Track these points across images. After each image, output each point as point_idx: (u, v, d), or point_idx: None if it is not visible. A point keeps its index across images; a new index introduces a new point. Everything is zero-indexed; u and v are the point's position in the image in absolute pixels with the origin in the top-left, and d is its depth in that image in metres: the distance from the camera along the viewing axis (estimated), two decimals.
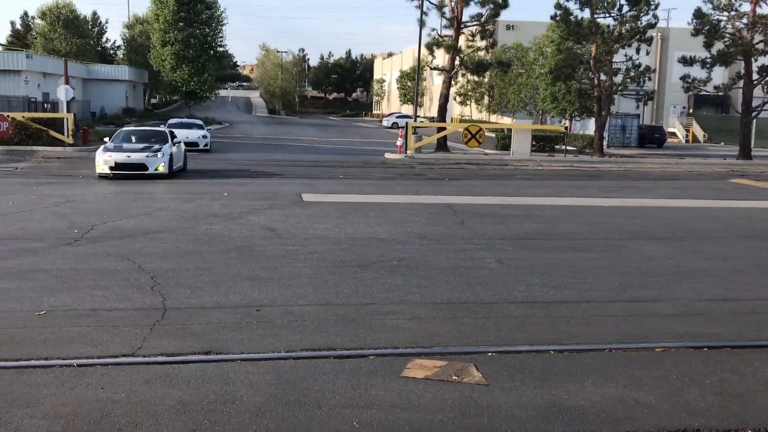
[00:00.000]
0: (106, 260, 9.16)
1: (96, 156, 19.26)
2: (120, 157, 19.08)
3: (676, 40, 57.76)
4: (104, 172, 18.98)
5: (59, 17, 63.67)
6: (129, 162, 19.12)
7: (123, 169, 19.02)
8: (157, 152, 19.43)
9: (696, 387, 5.34)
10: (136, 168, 19.15)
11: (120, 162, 18.99)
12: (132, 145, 20.15)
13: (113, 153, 19.23)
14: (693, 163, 32.33)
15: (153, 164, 19.24)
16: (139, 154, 19.34)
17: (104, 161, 18.99)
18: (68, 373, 5.36)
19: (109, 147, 19.64)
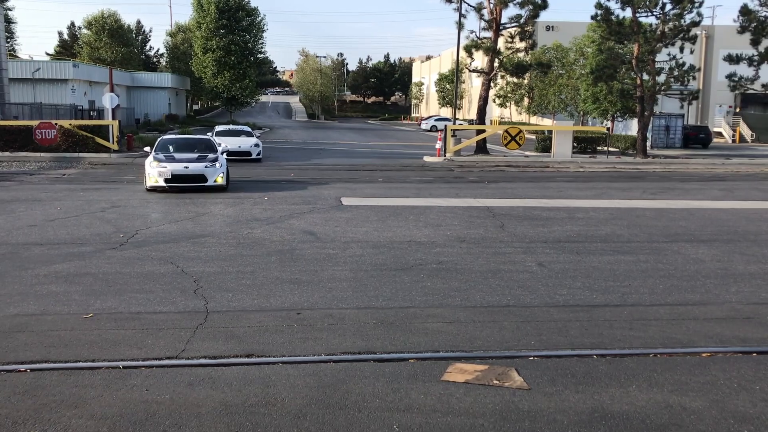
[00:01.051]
0: (150, 264, 9.34)
1: (146, 167, 17.43)
2: (177, 168, 17.09)
3: (721, 38, 56.52)
4: (158, 185, 17.04)
5: (105, 27, 65.29)
6: (187, 173, 17.13)
7: (180, 181, 17.12)
8: (214, 162, 17.62)
9: (745, 393, 5.20)
10: (195, 180, 17.23)
11: (177, 173, 17.04)
12: (185, 155, 18.11)
13: (167, 164, 17.25)
14: (740, 164, 31.53)
15: (212, 175, 17.40)
16: (197, 164, 17.37)
17: (158, 173, 16.99)
18: (114, 374, 5.47)
19: (160, 157, 17.70)
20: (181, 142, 19.91)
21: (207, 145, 19.38)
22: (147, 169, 17.34)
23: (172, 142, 19.77)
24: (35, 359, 5.76)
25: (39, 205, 15.15)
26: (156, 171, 17.12)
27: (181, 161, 17.54)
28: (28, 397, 5.03)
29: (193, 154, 18.16)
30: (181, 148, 19.16)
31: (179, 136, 22.35)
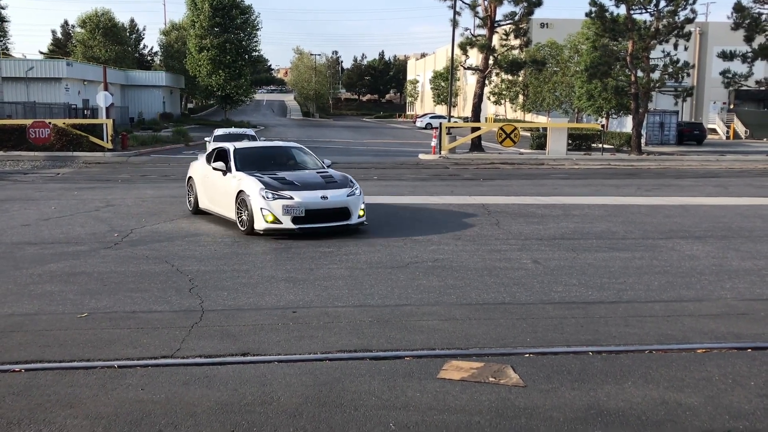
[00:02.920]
0: (145, 263, 9.31)
1: (251, 203, 11.02)
2: (312, 201, 11.02)
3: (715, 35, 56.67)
4: (284, 227, 10.90)
5: (98, 25, 65.10)
6: (327, 207, 11.20)
7: (318, 220, 11.13)
8: (354, 188, 11.76)
9: (740, 389, 5.22)
10: (336, 217, 11.33)
11: (314, 209, 11.05)
12: (305, 177, 11.85)
13: (293, 193, 11.02)
14: (734, 160, 31.63)
15: (356, 209, 11.55)
16: (336, 192, 11.34)
17: (283, 209, 10.83)
18: (109, 374, 5.45)
19: (272, 184, 11.19)
20: (271, 154, 13.35)
21: (309, 159, 13.26)
22: (252, 205, 11.02)
23: (261, 154, 13.14)
24: (30, 359, 5.74)
25: (33, 204, 15.10)
26: (276, 206, 10.88)
27: (307, 188, 11.32)
28: (23, 397, 5.01)
29: (315, 178, 11.91)
30: (277, 165, 12.72)
31: (265, 145, 14.46)
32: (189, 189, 13.84)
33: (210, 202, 12.91)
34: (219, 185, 12.40)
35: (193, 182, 13.63)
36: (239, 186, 11.54)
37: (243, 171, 11.93)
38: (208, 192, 12.93)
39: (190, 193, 13.78)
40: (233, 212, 11.72)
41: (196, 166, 13.80)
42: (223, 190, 12.22)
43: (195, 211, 13.46)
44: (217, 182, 12.51)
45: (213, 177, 12.69)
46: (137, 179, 21.01)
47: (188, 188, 13.88)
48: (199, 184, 13.33)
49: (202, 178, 13.20)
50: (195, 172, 13.64)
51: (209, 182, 12.86)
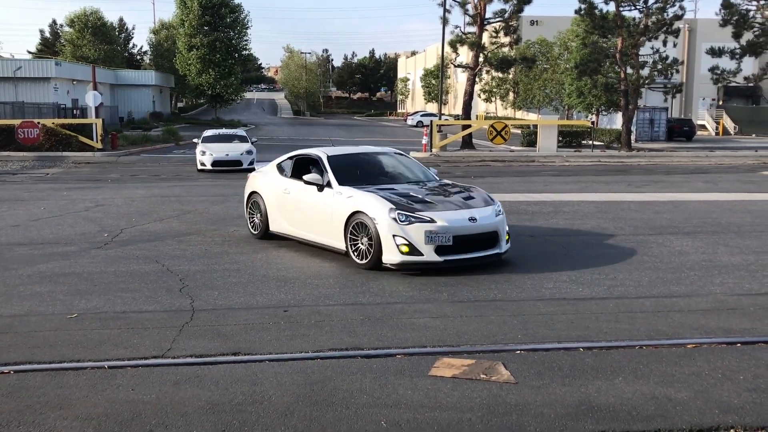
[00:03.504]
0: (135, 263, 9.27)
1: (377, 228, 8.60)
2: (459, 225, 8.68)
3: (704, 31, 56.92)
4: (424, 260, 8.52)
5: (87, 24, 64.76)
6: (477, 232, 8.86)
7: (466, 249, 8.77)
8: (498, 205, 9.54)
9: (729, 383, 5.24)
10: (485, 244, 8.99)
11: (463, 234, 8.69)
12: (434, 192, 9.55)
13: (432, 214, 8.67)
14: (723, 156, 31.80)
15: (503, 232, 9.34)
16: (483, 212, 9.07)
17: (426, 237, 8.47)
18: (99, 374, 5.43)
19: (401, 203, 8.83)
20: (368, 162, 10.98)
21: (415, 167, 10.92)
22: (379, 225, 8.60)
23: (354, 164, 10.54)
24: (19, 360, 5.71)
25: (22, 204, 15.01)
26: (413, 231, 8.53)
27: (446, 206, 8.96)
28: (12, 399, 4.98)
29: (438, 189, 9.81)
30: (378, 175, 10.43)
31: (361, 152, 11.27)
32: (251, 208, 11.18)
33: (291, 225, 10.30)
34: (310, 204, 9.82)
35: (259, 199, 10.93)
36: (353, 205, 8.97)
37: (347, 185, 9.43)
38: (289, 212, 10.32)
39: (254, 213, 11.11)
40: (338, 239, 9.24)
41: (262, 179, 11.13)
42: (318, 210, 9.65)
43: (263, 236, 10.86)
44: (306, 200, 9.92)
45: (298, 193, 10.13)
46: (127, 179, 20.93)
47: (249, 207, 11.24)
48: (271, 202, 10.67)
49: (276, 195, 10.58)
50: (262, 187, 10.97)
51: (291, 200, 10.26)
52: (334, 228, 9.31)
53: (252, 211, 11.21)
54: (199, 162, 23.18)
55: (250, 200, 11.27)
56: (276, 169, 11.03)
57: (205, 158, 23.03)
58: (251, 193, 11.26)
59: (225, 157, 22.94)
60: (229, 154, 23.07)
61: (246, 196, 11.40)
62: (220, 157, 22.88)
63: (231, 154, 23.13)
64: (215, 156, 22.91)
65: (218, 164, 22.89)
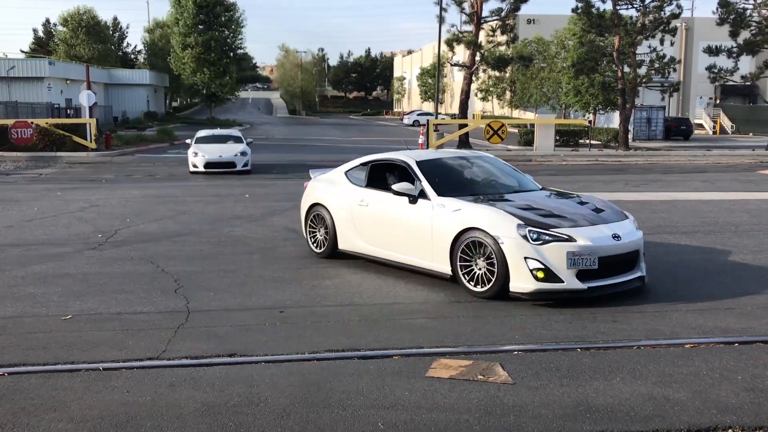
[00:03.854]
0: (130, 264, 9.22)
1: (503, 249, 7.24)
2: (604, 244, 7.38)
3: (701, 30, 56.99)
4: (565, 287, 7.20)
5: (81, 23, 64.57)
6: (621, 253, 7.55)
7: (610, 273, 7.49)
8: (632, 219, 8.32)
9: (727, 383, 5.22)
10: (626, 267, 7.67)
11: (608, 255, 7.41)
12: (559, 204, 8.44)
13: (570, 231, 7.37)
14: (721, 155, 31.83)
15: (642, 253, 7.99)
16: (623, 228, 7.77)
17: (568, 259, 7.17)
18: (94, 376, 5.38)
19: (531, 218, 7.52)
20: (466, 167, 9.67)
21: (516, 173, 9.62)
22: (504, 246, 7.25)
23: (451, 171, 9.19)
24: (13, 362, 5.66)
25: (16, 205, 14.94)
26: (551, 253, 7.14)
27: (580, 221, 7.65)
28: (6, 401, 4.93)
29: (560, 200, 8.74)
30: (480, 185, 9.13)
31: (454, 155, 9.91)
32: (314, 223, 9.74)
33: (369, 243, 8.84)
34: (399, 218, 8.40)
35: (324, 212, 9.48)
36: (464, 221, 7.58)
37: (448, 196, 8.04)
38: (367, 228, 8.85)
39: (317, 228, 9.67)
40: (440, 261, 7.85)
41: (327, 189, 9.61)
42: (410, 226, 8.23)
43: (330, 254, 9.41)
44: (392, 214, 8.50)
45: (380, 205, 8.71)
46: (122, 179, 20.86)
47: (310, 221, 9.79)
48: (341, 216, 9.22)
49: (348, 207, 9.10)
50: (328, 198, 9.48)
51: (370, 213, 8.80)
52: (436, 248, 7.87)
53: (314, 226, 9.72)
54: (191, 164, 22.26)
55: (311, 213, 9.78)
56: (345, 178, 9.53)
57: (197, 160, 22.06)
58: (313, 206, 9.75)
59: (218, 159, 22.03)
60: (222, 156, 22.15)
61: (305, 208, 9.91)
62: (212, 159, 21.96)
63: (224, 155, 22.20)
64: (208, 157, 21.97)
65: (211, 166, 21.99)
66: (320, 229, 9.61)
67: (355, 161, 9.74)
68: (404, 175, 8.83)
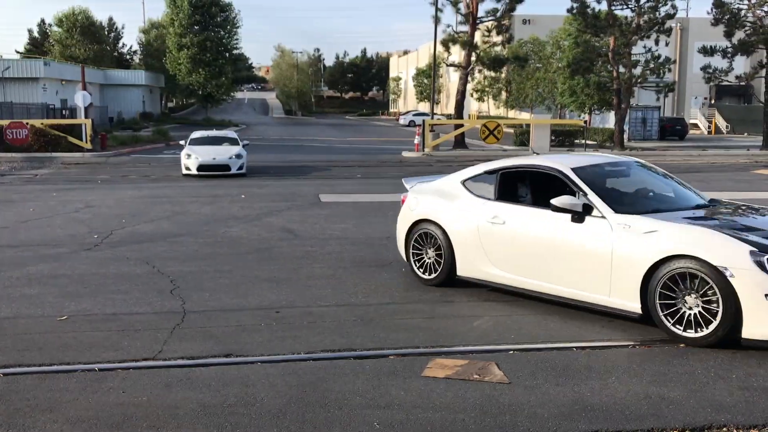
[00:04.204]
0: (125, 265, 9.21)
1: (755, 290, 5.65)
2: None
3: (696, 30, 57.13)
4: None
5: (76, 24, 64.42)
6: None
7: None
8: None
9: (722, 382, 5.24)
10: None
11: None
12: None
13: None
14: (716, 155, 31.92)
15: None
16: None
17: None
18: (90, 377, 5.38)
19: None
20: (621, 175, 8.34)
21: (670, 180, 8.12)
22: None
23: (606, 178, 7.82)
24: (8, 363, 5.65)
25: (11, 206, 14.90)
26: None
27: None
28: (1, 402, 4.92)
29: None
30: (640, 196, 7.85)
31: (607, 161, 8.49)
32: (419, 243, 8.09)
33: (508, 269, 7.34)
34: (561, 241, 6.86)
35: (436, 231, 7.85)
36: (662, 247, 6.12)
37: (625, 213, 6.57)
38: (506, 252, 7.32)
39: (424, 250, 8.05)
40: (624, 296, 6.42)
41: (441, 203, 7.95)
42: (576, 252, 6.73)
43: (444, 281, 7.84)
44: (548, 234, 6.96)
45: (525, 223, 7.18)
46: (117, 180, 20.83)
47: (415, 241, 8.14)
48: (463, 236, 7.61)
49: (474, 225, 7.52)
50: (443, 213, 7.84)
51: (513, 233, 7.25)
52: (619, 279, 6.39)
53: (420, 248, 8.05)
54: (184, 166, 21.36)
55: (415, 232, 8.12)
56: (463, 189, 7.89)
57: (190, 162, 21.14)
58: (418, 222, 8.09)
59: (212, 161, 21.19)
60: (216, 158, 21.30)
61: (406, 225, 8.22)
62: (206, 161, 21.12)
63: (218, 157, 21.36)
64: (201, 160, 21.09)
65: (204, 169, 21.07)
66: (428, 250, 7.95)
67: (473, 169, 8.05)
68: (551, 185, 7.35)
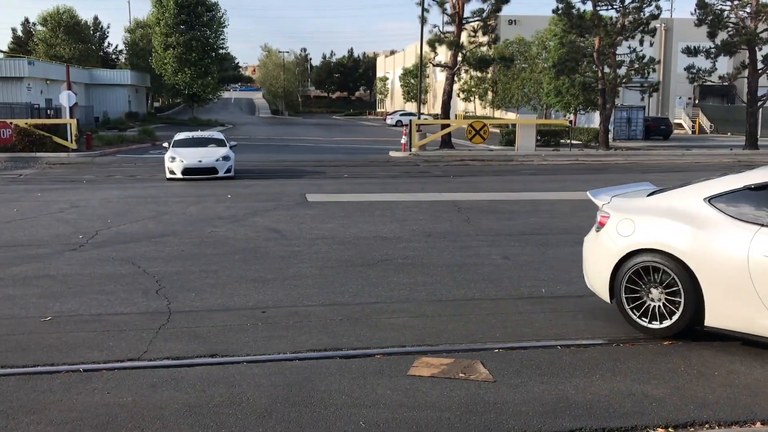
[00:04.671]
0: (111, 265, 9.16)
1: None
2: None
3: (680, 31, 57.53)
4: None
5: (60, 23, 63.89)
6: None
7: None
8: None
9: (704, 379, 5.30)
10: None
11: None
12: None
13: None
14: (699, 155, 32.18)
15: None
16: None
17: None
18: (74, 378, 5.35)
19: None
20: None
21: None
22: None
23: None
24: None
25: None
26: None
27: None
28: None
29: None
30: None
31: None
32: (638, 279, 6.20)
33: None
34: None
35: (666, 263, 5.98)
36: None
37: None
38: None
39: (643, 288, 6.18)
40: None
41: (670, 225, 6.06)
42: None
43: (680, 331, 6.03)
44: None
45: None
46: (102, 180, 20.70)
47: (630, 278, 6.23)
48: (717, 272, 5.75)
49: (741, 259, 5.62)
50: (680, 239, 5.94)
51: None
52: None
53: (639, 286, 6.20)
54: (168, 169, 20.31)
55: (629, 265, 6.23)
56: (711, 209, 5.97)
57: (175, 165, 20.12)
58: (636, 252, 6.20)
59: (197, 164, 20.08)
60: (202, 161, 20.19)
61: (614, 257, 6.32)
62: (191, 164, 20.03)
63: (205, 160, 20.25)
64: (186, 163, 20.05)
65: (190, 173, 20.03)
66: (652, 290, 6.12)
67: (720, 183, 6.16)
68: None
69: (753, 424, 4.60)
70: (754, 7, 32.67)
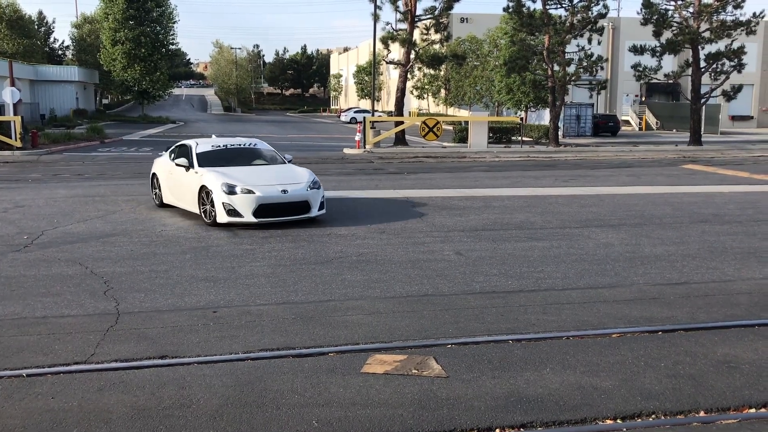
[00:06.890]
0: (56, 266, 8.92)
1: None
2: None
3: (627, 30, 58.73)
4: None
5: (2, 17, 61.90)
6: None
7: None
8: None
9: (651, 371, 5.42)
10: None
11: None
12: None
13: None
14: (646, 151, 32.93)
15: None
16: None
17: None
18: (17, 383, 5.19)
19: None
20: None
21: None
22: None
23: None
24: None
25: None
26: None
27: None
28: None
29: None
30: None
31: None
32: None
33: None
34: None
35: None
36: None
37: None
38: None
39: None
40: None
41: None
42: None
43: None
44: None
45: None
46: (49, 178, 20.12)
47: None
48: None
49: None
50: None
51: None
52: None
53: None
54: (222, 205, 11.53)
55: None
56: None
57: (238, 200, 11.50)
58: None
59: (280, 197, 11.73)
60: (288, 191, 11.81)
61: None
62: (271, 197, 11.68)
63: (291, 190, 11.87)
64: (262, 194, 11.58)
65: (268, 212, 11.66)
66: None
67: None
68: None
69: (696, 413, 4.73)
70: (696, 8, 33.59)
